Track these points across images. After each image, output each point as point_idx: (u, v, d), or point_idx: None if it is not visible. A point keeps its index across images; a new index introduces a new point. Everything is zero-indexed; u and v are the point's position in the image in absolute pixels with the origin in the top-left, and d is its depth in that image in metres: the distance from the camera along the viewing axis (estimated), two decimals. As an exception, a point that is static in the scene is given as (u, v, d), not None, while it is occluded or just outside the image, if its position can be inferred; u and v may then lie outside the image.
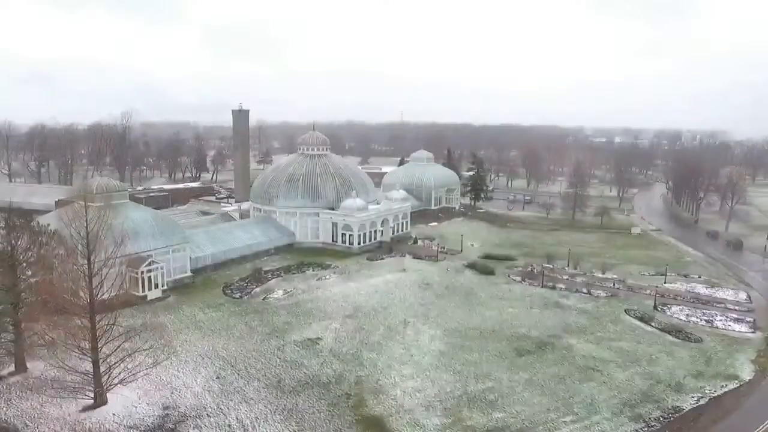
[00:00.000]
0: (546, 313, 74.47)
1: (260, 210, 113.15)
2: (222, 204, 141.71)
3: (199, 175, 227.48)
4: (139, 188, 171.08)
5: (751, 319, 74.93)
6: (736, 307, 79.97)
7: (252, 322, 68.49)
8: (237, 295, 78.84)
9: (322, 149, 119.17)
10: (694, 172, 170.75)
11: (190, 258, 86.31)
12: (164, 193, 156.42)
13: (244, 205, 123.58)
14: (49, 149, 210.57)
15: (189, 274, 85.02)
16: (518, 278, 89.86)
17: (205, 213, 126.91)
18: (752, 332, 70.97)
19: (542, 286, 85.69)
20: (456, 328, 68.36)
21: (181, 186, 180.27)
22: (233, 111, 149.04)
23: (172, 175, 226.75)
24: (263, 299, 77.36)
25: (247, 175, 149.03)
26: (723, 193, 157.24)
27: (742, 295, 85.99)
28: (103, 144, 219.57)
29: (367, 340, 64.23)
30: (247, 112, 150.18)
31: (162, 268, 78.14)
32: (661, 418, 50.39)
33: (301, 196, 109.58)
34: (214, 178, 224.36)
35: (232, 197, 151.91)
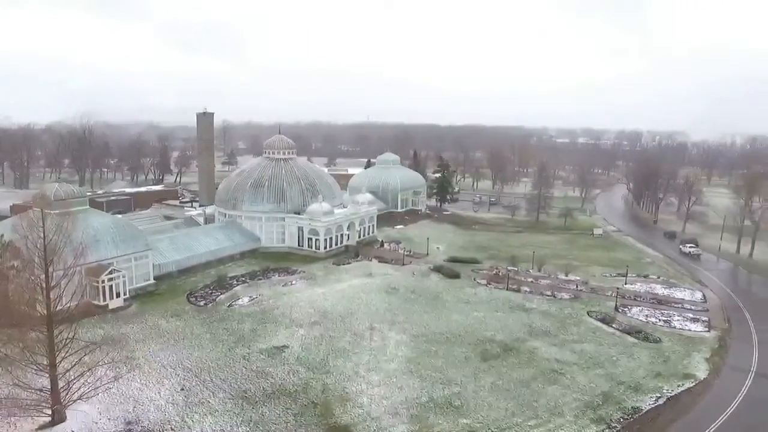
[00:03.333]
0: (511, 317, 75.51)
1: (225, 214, 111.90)
2: (186, 208, 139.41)
3: (163, 178, 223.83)
4: (100, 191, 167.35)
5: (706, 319, 77.36)
6: (692, 307, 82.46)
7: (217, 331, 67.69)
8: (201, 303, 77.77)
9: (288, 153, 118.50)
10: (654, 174, 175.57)
11: (154, 265, 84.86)
12: (126, 197, 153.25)
13: (209, 210, 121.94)
14: (3, 150, 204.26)
15: (152, 281, 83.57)
16: (483, 281, 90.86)
17: (168, 217, 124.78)
18: (707, 331, 73.26)
19: (507, 289, 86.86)
20: (422, 333, 68.78)
21: (143, 189, 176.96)
22: (198, 114, 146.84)
23: (135, 177, 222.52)
24: (228, 306, 76.53)
25: (212, 179, 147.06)
26: (680, 194, 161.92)
27: (698, 295, 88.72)
28: (62, 145, 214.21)
29: (333, 347, 64.11)
30: (211, 115, 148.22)
31: (124, 277, 76.57)
32: (622, 419, 51.55)
33: (267, 201, 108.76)
34: (178, 180, 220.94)
35: (197, 201, 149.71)
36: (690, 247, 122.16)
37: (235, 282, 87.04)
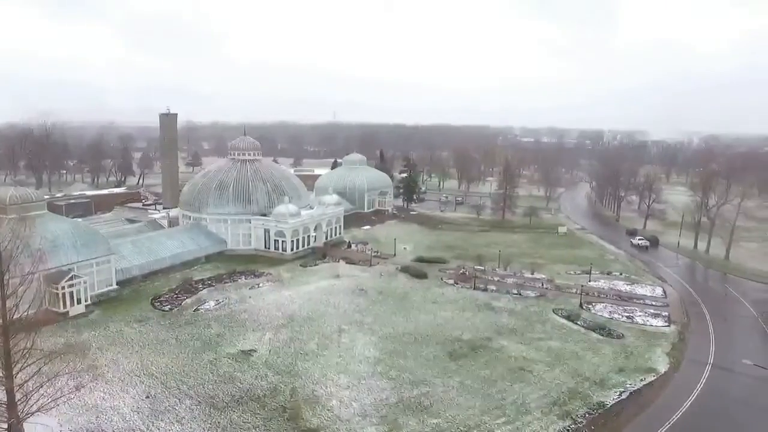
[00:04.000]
0: (478, 316, 76.24)
1: (190, 217, 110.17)
2: (149, 211, 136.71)
3: (125, 180, 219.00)
4: (59, 194, 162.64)
5: (667, 314, 79.46)
6: (654, 303, 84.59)
7: (183, 336, 66.58)
8: (166, 308, 76.37)
9: (254, 154, 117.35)
10: (615, 173, 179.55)
11: (116, 270, 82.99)
12: (86, 200, 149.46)
13: (173, 212, 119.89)
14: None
15: (115, 287, 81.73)
16: (451, 281, 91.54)
17: (131, 221, 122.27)
18: (667, 326, 75.25)
19: (474, 288, 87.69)
20: (391, 334, 68.90)
21: (104, 192, 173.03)
22: (161, 115, 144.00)
23: (95, 179, 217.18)
24: (194, 311, 75.34)
25: (176, 181, 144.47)
26: (641, 193, 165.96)
27: (659, 291, 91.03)
28: (18, 146, 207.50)
29: (302, 350, 63.73)
30: (175, 115, 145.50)
31: (85, 282, 74.64)
32: (587, 414, 52.49)
33: (232, 203, 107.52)
34: (141, 182, 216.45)
35: (160, 203, 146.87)
36: (639, 239, 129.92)
37: (201, 286, 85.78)
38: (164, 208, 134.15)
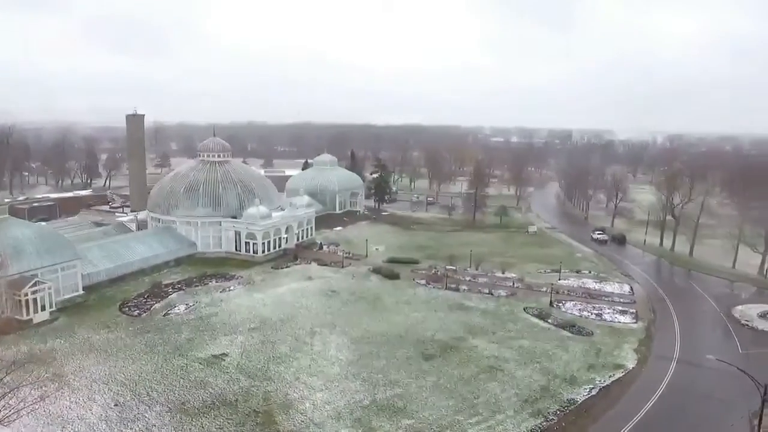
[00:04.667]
0: (450, 316, 76.68)
1: (159, 220, 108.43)
2: (117, 214, 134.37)
3: (91, 182, 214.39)
4: (21, 198, 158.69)
5: (634, 311, 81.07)
6: (621, 300, 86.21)
7: (152, 341, 65.46)
8: (135, 313, 74.98)
9: (223, 155, 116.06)
10: (583, 172, 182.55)
11: (83, 275, 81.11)
12: (50, 203, 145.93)
13: (141, 215, 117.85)
14: None
15: (81, 292, 79.88)
16: (423, 281, 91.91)
17: (98, 224, 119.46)
18: (635, 323, 76.78)
19: (446, 288, 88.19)
20: (363, 336, 68.85)
21: (70, 194, 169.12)
22: (127, 116, 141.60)
23: (60, 182, 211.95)
24: (164, 315, 74.16)
25: (144, 183, 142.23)
26: (609, 191, 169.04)
27: (626, 288, 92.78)
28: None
29: (274, 353, 63.25)
30: (142, 116, 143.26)
31: (50, 289, 72.80)
32: (558, 412, 53.20)
33: (202, 205, 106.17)
34: (107, 184, 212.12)
35: (128, 206, 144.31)
36: (598, 233, 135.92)
37: (171, 290, 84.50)
38: (132, 211, 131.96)
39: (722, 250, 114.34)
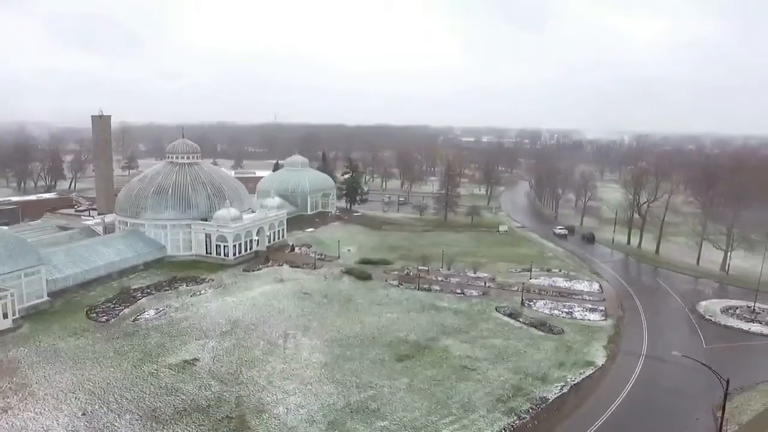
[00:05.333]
0: (423, 316, 76.96)
1: (126, 223, 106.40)
2: (83, 217, 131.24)
3: (55, 184, 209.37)
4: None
5: (603, 308, 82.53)
6: (591, 298, 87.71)
7: (121, 348, 64.18)
8: (103, 319, 73.41)
9: (193, 157, 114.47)
10: (553, 171, 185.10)
11: (47, 281, 79.14)
12: (12, 206, 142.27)
13: (108, 218, 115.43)
14: None
15: (46, 298, 77.87)
16: (395, 282, 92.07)
17: (63, 228, 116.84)
18: (604, 320, 78.15)
19: (418, 289, 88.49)
20: (336, 338, 68.66)
21: (33, 197, 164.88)
22: (93, 117, 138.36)
23: (22, 184, 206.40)
24: (133, 321, 72.78)
25: (111, 185, 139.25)
26: (577, 190, 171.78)
27: (595, 286, 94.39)
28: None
29: (246, 357, 62.62)
30: (108, 117, 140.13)
31: (12, 295, 70.70)
32: (530, 410, 53.81)
33: (172, 208, 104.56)
34: (72, 186, 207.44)
35: (94, 209, 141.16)
36: (560, 229, 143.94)
37: (140, 294, 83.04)
38: (99, 214, 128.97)
39: (687, 247, 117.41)
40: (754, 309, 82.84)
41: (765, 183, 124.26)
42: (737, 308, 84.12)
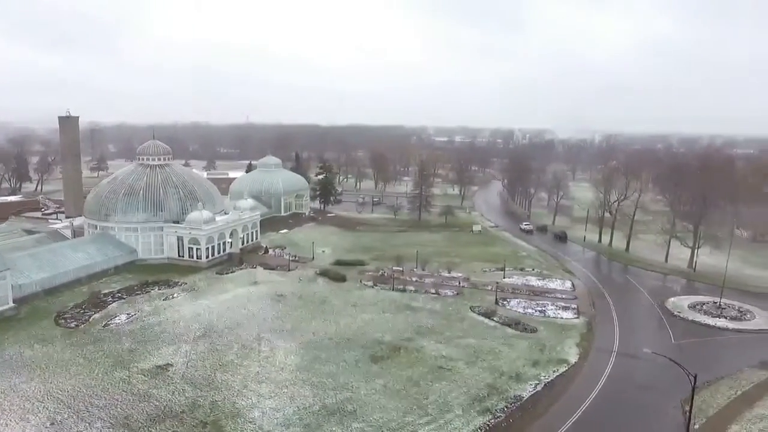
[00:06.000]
0: (398, 317, 77.11)
1: (96, 226, 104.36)
2: (50, 220, 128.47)
3: (20, 187, 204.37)
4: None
5: (575, 306, 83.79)
6: (564, 296, 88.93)
7: (92, 354, 62.93)
8: (72, 324, 71.88)
9: (164, 159, 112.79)
10: (525, 171, 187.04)
11: (13, 286, 77.11)
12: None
13: (77, 221, 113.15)
14: None
15: (11, 305, 75.88)
16: (370, 283, 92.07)
17: (29, 231, 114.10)
18: (576, 318, 79.34)
19: (393, 290, 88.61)
20: (312, 340, 68.37)
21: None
22: (60, 118, 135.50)
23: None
24: (104, 326, 71.44)
25: (80, 187, 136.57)
26: (550, 190, 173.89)
27: (568, 284, 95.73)
28: None
29: (220, 361, 61.98)
30: (76, 118, 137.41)
31: (-23, 302, 68.96)
32: (505, 408, 54.34)
33: (143, 210, 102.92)
34: (39, 189, 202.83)
35: (62, 212, 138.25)
36: (525, 224, 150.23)
37: (111, 299, 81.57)
38: (67, 217, 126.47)
39: (656, 244, 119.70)
40: (720, 304, 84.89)
41: (729, 182, 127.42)
42: (704, 304, 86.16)
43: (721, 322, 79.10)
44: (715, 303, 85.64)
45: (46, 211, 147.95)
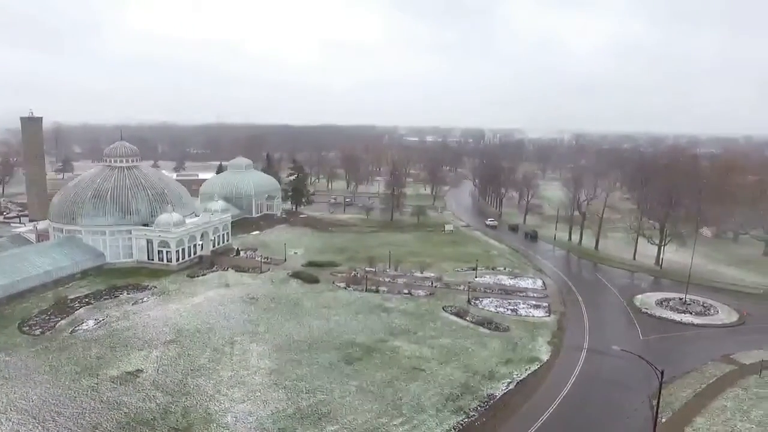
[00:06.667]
0: (371, 318, 77.12)
1: (62, 230, 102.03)
2: (13, 224, 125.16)
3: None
4: None
5: (547, 304, 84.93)
6: (535, 294, 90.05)
7: (58, 362, 61.47)
8: (37, 332, 70.10)
9: (132, 160, 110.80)
10: (496, 170, 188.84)
11: (-25, 293, 75.09)
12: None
13: (41, 225, 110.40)
14: None
15: (-26, 312, 73.89)
16: (343, 284, 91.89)
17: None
18: (548, 316, 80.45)
19: (366, 291, 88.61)
20: (285, 343, 67.95)
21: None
22: (22, 119, 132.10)
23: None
24: (71, 333, 69.86)
25: (44, 190, 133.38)
26: (520, 189, 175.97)
27: (539, 283, 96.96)
28: None
29: (192, 366, 61.15)
30: (39, 119, 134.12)
31: (-63, 309, 66.84)
32: (479, 407, 54.77)
33: (111, 213, 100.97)
34: (0, 191, 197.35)
35: (26, 216, 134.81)
36: (490, 220, 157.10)
37: (78, 304, 79.81)
38: (31, 221, 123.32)
39: (624, 242, 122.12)
40: (685, 300, 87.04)
41: (693, 181, 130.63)
42: (670, 300, 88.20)
43: (686, 318, 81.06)
44: (681, 299, 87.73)
45: (9, 215, 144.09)
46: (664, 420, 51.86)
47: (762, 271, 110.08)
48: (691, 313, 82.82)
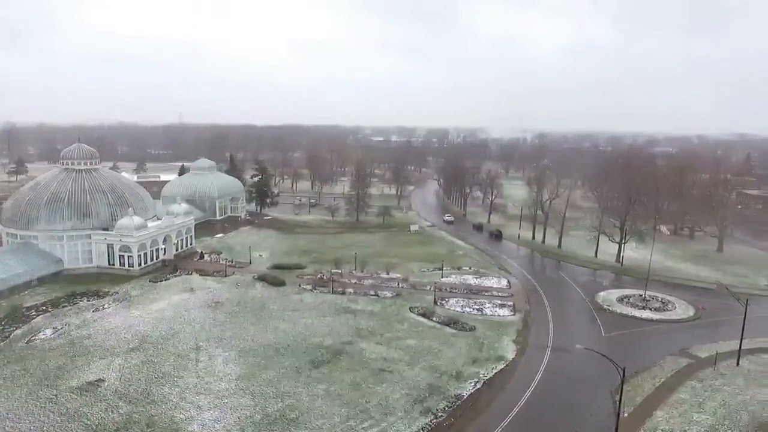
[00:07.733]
0: (338, 320, 76.90)
1: (16, 236, 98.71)
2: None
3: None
4: None
5: (512, 303, 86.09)
6: (500, 294, 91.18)
7: (14, 373, 59.40)
8: (-8, 342, 67.75)
9: (91, 163, 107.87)
10: (460, 170, 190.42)
11: (-76, 303, 72.05)
12: None
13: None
14: None
15: (-77, 322, 70.87)
16: (309, 287, 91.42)
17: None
18: (513, 315, 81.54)
19: (332, 293, 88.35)
20: (251, 347, 67.20)
21: None
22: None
23: None
24: (27, 342, 67.66)
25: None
26: (484, 188, 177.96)
27: (504, 282, 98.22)
28: None
29: (156, 374, 59.93)
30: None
31: None
32: (446, 408, 55.15)
33: (68, 218, 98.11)
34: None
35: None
36: (447, 216, 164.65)
37: (34, 313, 77.35)
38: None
39: (585, 240, 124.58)
40: (645, 297, 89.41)
41: (651, 180, 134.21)
42: (631, 297, 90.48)
43: (646, 314, 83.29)
44: (641, 296, 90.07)
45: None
46: (626, 415, 53.16)
47: (716, 267, 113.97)
48: (650, 309, 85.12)
